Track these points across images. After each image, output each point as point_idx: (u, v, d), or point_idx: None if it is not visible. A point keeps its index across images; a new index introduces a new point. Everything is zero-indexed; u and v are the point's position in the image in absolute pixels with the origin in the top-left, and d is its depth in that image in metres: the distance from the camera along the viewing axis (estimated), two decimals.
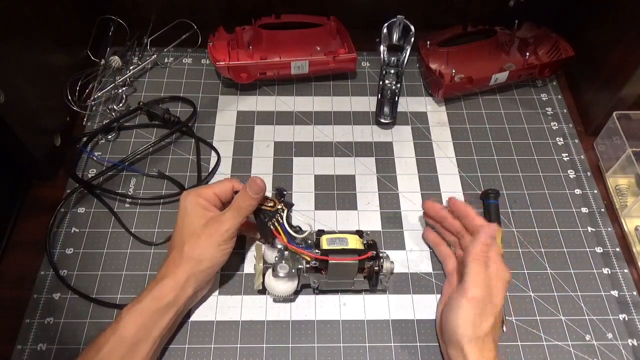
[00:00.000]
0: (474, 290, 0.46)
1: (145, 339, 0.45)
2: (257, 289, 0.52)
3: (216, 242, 0.48)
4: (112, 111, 0.67)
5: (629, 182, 0.62)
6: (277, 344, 0.51)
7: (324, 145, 0.66)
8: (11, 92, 0.52)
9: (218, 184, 0.52)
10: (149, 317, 0.45)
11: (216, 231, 0.48)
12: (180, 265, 0.48)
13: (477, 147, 0.66)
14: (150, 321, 0.45)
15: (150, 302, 0.46)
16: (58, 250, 0.56)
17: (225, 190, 0.51)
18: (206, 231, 0.48)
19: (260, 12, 0.70)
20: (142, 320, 0.45)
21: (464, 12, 0.76)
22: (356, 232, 0.53)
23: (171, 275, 0.47)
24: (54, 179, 0.62)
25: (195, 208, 0.50)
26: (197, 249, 0.48)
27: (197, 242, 0.48)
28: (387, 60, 0.68)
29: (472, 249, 0.48)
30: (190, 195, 0.50)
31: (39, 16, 0.60)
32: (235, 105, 0.70)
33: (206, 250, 0.48)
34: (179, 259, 0.48)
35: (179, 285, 0.47)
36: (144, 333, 0.45)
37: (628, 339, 0.52)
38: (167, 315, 0.46)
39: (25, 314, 0.52)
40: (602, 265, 0.57)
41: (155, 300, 0.46)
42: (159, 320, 0.46)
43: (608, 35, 0.65)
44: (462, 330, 0.45)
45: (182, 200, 0.50)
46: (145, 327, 0.45)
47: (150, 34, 0.74)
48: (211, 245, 0.48)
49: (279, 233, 0.49)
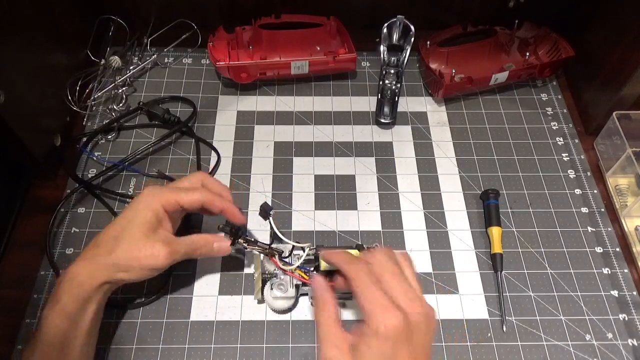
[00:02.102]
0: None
1: (73, 338, 0.43)
2: (256, 299, 0.52)
3: (151, 265, 0.45)
4: (112, 111, 0.67)
5: (629, 182, 0.62)
6: (277, 344, 0.51)
7: (324, 145, 0.66)
8: (11, 92, 0.52)
9: (188, 194, 0.48)
10: (71, 316, 0.43)
11: (157, 256, 0.45)
12: (102, 265, 0.44)
13: (477, 147, 0.66)
14: (72, 319, 0.43)
15: (70, 301, 0.43)
16: (58, 250, 0.56)
17: (192, 203, 0.48)
18: (148, 249, 0.45)
19: (260, 12, 0.70)
20: (64, 322, 0.43)
21: (464, 12, 0.76)
22: (356, 246, 0.52)
23: (90, 273, 0.44)
24: (54, 179, 0.62)
25: (149, 214, 0.46)
26: (127, 260, 0.45)
27: (132, 253, 0.45)
28: (387, 60, 0.68)
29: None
30: (151, 199, 0.47)
31: (39, 16, 0.60)
32: (235, 105, 0.70)
33: (136, 267, 0.45)
34: (104, 258, 0.45)
35: (97, 284, 0.44)
36: (70, 334, 0.43)
37: (628, 339, 0.52)
38: (89, 310, 0.44)
39: (25, 314, 0.52)
40: (602, 265, 0.57)
41: (74, 299, 0.43)
42: (81, 317, 0.44)
43: (608, 35, 0.65)
44: None
45: (140, 200, 0.47)
46: (69, 327, 0.43)
47: (150, 34, 0.74)
48: (144, 265, 0.45)
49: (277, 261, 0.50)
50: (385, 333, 0.36)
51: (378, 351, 0.36)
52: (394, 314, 0.37)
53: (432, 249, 0.57)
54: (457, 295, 0.54)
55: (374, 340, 0.36)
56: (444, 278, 0.55)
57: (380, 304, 0.38)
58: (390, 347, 0.36)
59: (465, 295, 0.54)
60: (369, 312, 0.38)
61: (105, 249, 0.45)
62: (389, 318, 0.37)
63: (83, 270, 0.44)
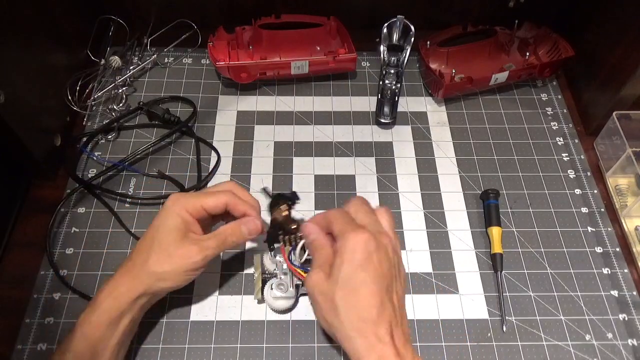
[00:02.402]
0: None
1: (103, 349, 0.43)
2: (256, 299, 0.52)
3: (185, 266, 0.45)
4: (112, 111, 0.67)
5: (629, 182, 0.62)
6: (277, 344, 0.51)
7: (324, 145, 0.66)
8: (11, 92, 0.52)
9: (212, 197, 0.48)
10: (104, 328, 0.43)
11: (190, 257, 0.45)
12: (140, 275, 0.45)
13: (477, 147, 0.66)
14: (105, 332, 0.43)
15: (105, 314, 0.43)
16: (58, 250, 0.56)
17: (217, 206, 0.48)
18: (179, 252, 0.45)
19: (260, 12, 0.70)
20: (97, 334, 0.43)
21: (464, 12, 0.76)
22: None
23: (127, 285, 0.45)
24: (54, 179, 0.62)
25: (177, 220, 0.46)
26: (163, 267, 0.45)
27: (166, 260, 0.45)
28: (387, 60, 0.68)
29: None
30: (177, 205, 0.47)
31: (39, 16, 0.60)
32: (235, 105, 0.70)
33: (172, 272, 0.45)
34: (140, 268, 0.45)
35: (134, 297, 0.44)
36: (100, 345, 0.43)
37: (628, 339, 0.52)
38: (122, 323, 0.44)
39: (25, 314, 0.52)
40: (602, 265, 0.57)
41: (109, 312, 0.44)
42: (114, 330, 0.44)
43: (608, 35, 0.65)
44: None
45: (168, 207, 0.47)
46: (101, 339, 0.43)
47: (150, 34, 0.74)
48: (179, 268, 0.45)
49: (285, 251, 0.49)
50: (353, 248, 0.40)
51: (348, 266, 0.40)
52: (362, 233, 0.41)
53: (432, 249, 0.57)
54: (457, 295, 0.54)
55: (345, 255, 0.40)
56: (444, 278, 0.55)
57: (351, 227, 0.42)
58: (358, 263, 0.40)
59: (465, 295, 0.54)
60: (340, 232, 0.42)
61: (139, 260, 0.46)
62: (357, 235, 0.41)
63: (120, 284, 0.45)
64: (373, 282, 0.40)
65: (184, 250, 0.45)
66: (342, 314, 0.40)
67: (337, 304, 0.40)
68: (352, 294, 0.40)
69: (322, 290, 0.41)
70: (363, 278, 0.40)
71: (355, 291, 0.40)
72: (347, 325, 0.39)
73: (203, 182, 0.61)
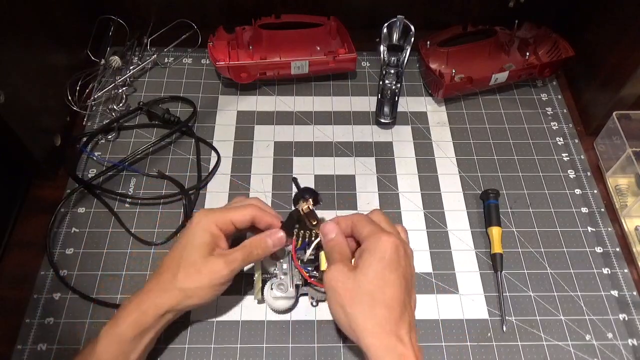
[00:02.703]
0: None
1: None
2: (256, 299, 0.52)
3: (213, 281, 0.46)
4: (112, 111, 0.67)
5: (629, 182, 0.62)
6: (277, 344, 0.51)
7: (324, 145, 0.66)
8: (11, 92, 0.52)
9: (238, 211, 0.48)
10: (127, 343, 0.44)
11: (217, 271, 0.46)
12: (168, 291, 0.45)
13: (477, 147, 0.66)
14: (128, 347, 0.44)
15: (130, 328, 0.44)
16: (58, 250, 0.56)
17: (244, 220, 0.48)
18: (208, 266, 0.46)
19: (260, 12, 0.70)
20: (120, 347, 0.43)
21: (464, 12, 0.76)
22: None
23: (155, 301, 0.45)
24: (54, 179, 0.62)
25: (205, 236, 0.46)
26: (191, 283, 0.45)
27: (194, 275, 0.45)
28: (387, 60, 0.68)
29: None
30: (204, 220, 0.47)
31: (39, 16, 0.60)
32: (235, 105, 0.70)
33: (200, 287, 0.46)
34: (169, 284, 0.45)
35: (161, 312, 0.45)
36: (121, 358, 0.44)
37: (628, 339, 0.52)
38: (146, 338, 0.45)
39: (25, 314, 0.52)
40: (602, 265, 0.57)
41: (134, 327, 0.44)
42: (137, 344, 0.44)
43: (608, 35, 0.65)
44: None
45: (195, 222, 0.47)
46: (124, 353, 0.44)
47: (150, 34, 0.74)
48: (207, 283, 0.46)
49: (297, 243, 0.49)
50: (384, 248, 0.42)
51: (378, 264, 0.42)
52: (394, 237, 0.43)
53: (432, 249, 0.57)
54: (457, 295, 0.54)
55: (376, 254, 0.42)
56: (444, 278, 0.55)
57: (382, 230, 0.44)
58: (388, 263, 0.42)
59: (465, 295, 0.54)
60: (369, 235, 0.44)
61: (168, 276, 0.46)
62: (390, 237, 0.43)
63: (148, 299, 0.45)
64: (399, 284, 0.41)
65: (211, 265, 0.46)
66: (366, 307, 0.41)
67: (362, 298, 0.41)
68: (379, 291, 0.41)
69: (345, 282, 0.42)
70: (390, 278, 0.41)
71: (382, 289, 0.41)
72: (369, 321, 0.40)
73: (203, 182, 0.62)
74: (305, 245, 0.49)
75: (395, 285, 0.41)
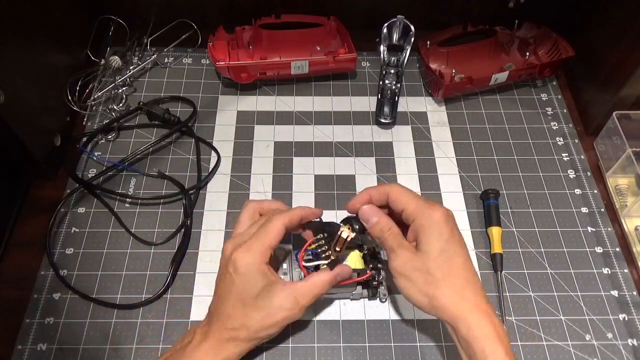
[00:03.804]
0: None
1: None
2: None
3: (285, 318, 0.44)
4: (112, 111, 0.67)
5: (629, 182, 0.62)
6: (277, 344, 0.51)
7: (324, 145, 0.66)
8: (11, 92, 0.52)
9: (269, 232, 0.45)
10: None
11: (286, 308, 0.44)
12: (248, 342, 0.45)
13: (477, 147, 0.66)
14: None
15: None
16: (58, 250, 0.56)
17: (280, 236, 0.46)
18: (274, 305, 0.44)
19: (260, 12, 0.70)
20: None
21: (464, 12, 0.76)
22: (357, 246, 0.51)
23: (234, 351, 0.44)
24: (54, 179, 0.62)
25: (258, 278, 0.44)
26: (269, 331, 0.45)
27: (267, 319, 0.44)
28: (387, 60, 0.68)
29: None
30: (251, 261, 0.44)
31: (39, 16, 0.60)
32: (235, 105, 0.70)
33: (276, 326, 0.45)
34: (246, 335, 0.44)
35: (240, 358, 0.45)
36: None
37: (628, 339, 0.52)
38: None
39: (25, 314, 0.52)
40: (602, 265, 0.57)
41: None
42: None
43: (608, 35, 0.65)
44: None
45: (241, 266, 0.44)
46: None
47: (150, 34, 0.74)
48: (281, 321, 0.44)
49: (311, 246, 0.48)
50: (438, 222, 0.43)
51: (437, 240, 0.43)
52: (442, 208, 0.44)
53: None
54: None
55: (432, 230, 0.43)
56: None
57: (427, 204, 0.45)
58: (448, 236, 0.43)
59: None
60: (417, 210, 0.44)
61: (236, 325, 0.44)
62: (440, 210, 0.44)
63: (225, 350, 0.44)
64: (463, 253, 0.43)
65: (276, 301, 0.44)
66: (441, 283, 0.42)
67: (436, 275, 0.42)
68: (447, 264, 0.42)
69: (415, 266, 0.43)
70: (454, 249, 0.43)
71: (451, 260, 0.43)
72: (448, 292, 0.42)
73: (203, 182, 0.61)
74: (315, 252, 0.48)
75: (460, 255, 0.43)
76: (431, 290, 0.42)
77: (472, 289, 0.42)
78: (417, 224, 0.44)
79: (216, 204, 0.60)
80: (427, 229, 0.43)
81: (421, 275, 0.42)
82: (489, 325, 0.40)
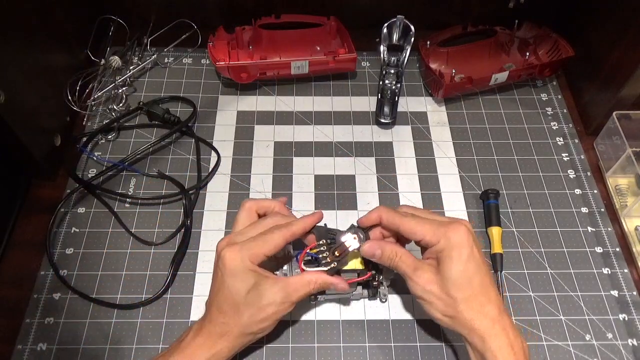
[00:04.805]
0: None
1: None
2: None
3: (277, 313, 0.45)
4: (112, 111, 0.67)
5: (629, 182, 0.62)
6: (277, 344, 0.51)
7: (324, 145, 0.66)
8: (11, 92, 0.52)
9: (268, 242, 0.45)
10: None
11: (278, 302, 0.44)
12: (240, 338, 0.45)
13: (477, 147, 0.66)
14: None
15: None
16: (58, 250, 0.56)
17: (278, 249, 0.46)
18: (265, 300, 0.44)
19: (260, 12, 0.70)
20: None
21: (464, 12, 0.76)
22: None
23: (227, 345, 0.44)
24: (54, 179, 0.62)
25: (248, 277, 0.44)
26: (261, 325, 0.45)
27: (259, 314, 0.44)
28: (387, 60, 0.68)
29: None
30: (239, 256, 0.44)
31: (39, 16, 0.60)
32: (235, 105, 0.70)
33: (268, 321, 0.45)
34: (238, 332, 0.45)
35: (232, 355, 0.45)
36: None
37: (628, 339, 0.52)
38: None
39: (25, 314, 0.52)
40: (602, 265, 0.57)
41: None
42: None
43: (608, 35, 0.65)
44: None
45: (229, 260, 0.44)
46: None
47: (150, 34, 0.74)
48: (273, 316, 0.45)
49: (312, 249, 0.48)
50: (459, 244, 0.43)
51: (457, 263, 0.42)
52: (459, 226, 0.44)
53: None
54: None
55: (453, 253, 0.43)
56: None
57: (442, 224, 0.44)
58: (466, 257, 0.43)
59: None
60: (434, 238, 0.44)
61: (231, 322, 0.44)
62: (453, 230, 0.43)
63: (218, 345, 0.44)
64: (482, 270, 0.43)
65: (267, 296, 0.44)
66: (462, 305, 0.42)
67: (456, 298, 0.42)
68: (468, 284, 0.43)
69: (433, 291, 0.43)
70: (474, 268, 0.43)
71: (471, 281, 0.43)
72: (468, 312, 0.42)
73: (203, 182, 0.61)
74: (315, 256, 0.48)
75: (479, 273, 0.43)
76: (452, 312, 0.43)
77: (492, 304, 0.43)
78: (435, 249, 0.44)
79: (216, 204, 0.60)
80: (446, 253, 0.43)
81: (441, 299, 0.43)
82: (504, 338, 0.41)
